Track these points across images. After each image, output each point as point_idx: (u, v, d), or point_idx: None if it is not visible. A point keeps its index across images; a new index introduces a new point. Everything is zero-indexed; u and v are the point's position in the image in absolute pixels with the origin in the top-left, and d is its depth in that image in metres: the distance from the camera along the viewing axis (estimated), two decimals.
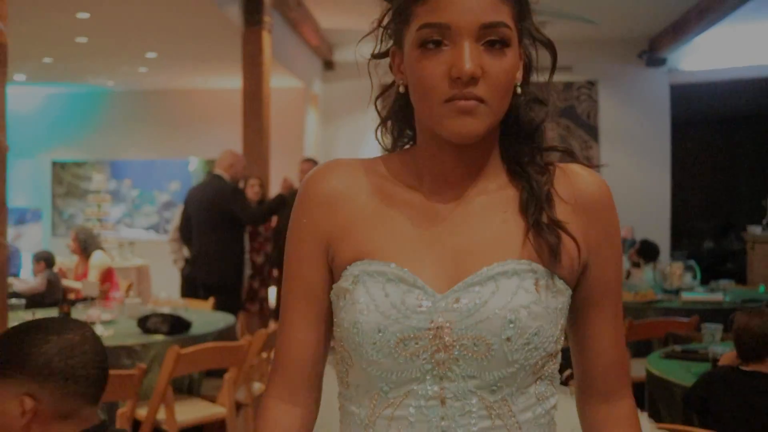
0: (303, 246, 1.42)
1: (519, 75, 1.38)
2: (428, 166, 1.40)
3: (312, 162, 8.97)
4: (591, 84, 13.31)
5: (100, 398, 2.00)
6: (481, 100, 1.29)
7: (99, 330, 4.72)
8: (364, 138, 13.51)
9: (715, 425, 3.15)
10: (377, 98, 1.49)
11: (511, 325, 1.28)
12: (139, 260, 10.83)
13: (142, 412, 4.26)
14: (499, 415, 1.32)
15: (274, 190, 8.89)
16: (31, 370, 1.87)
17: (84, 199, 12.93)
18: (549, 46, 1.43)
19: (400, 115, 1.48)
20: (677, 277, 7.24)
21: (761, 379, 3.24)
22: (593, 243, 1.40)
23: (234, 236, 7.35)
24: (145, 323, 4.87)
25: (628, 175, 12.70)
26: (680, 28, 11.49)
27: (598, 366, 1.45)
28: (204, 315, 5.75)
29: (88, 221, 11.43)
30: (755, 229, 10.63)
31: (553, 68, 1.46)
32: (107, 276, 7.77)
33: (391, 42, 1.43)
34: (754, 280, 9.96)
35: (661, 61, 13.06)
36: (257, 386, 5.21)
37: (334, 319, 1.39)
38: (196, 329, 5.01)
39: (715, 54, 12.69)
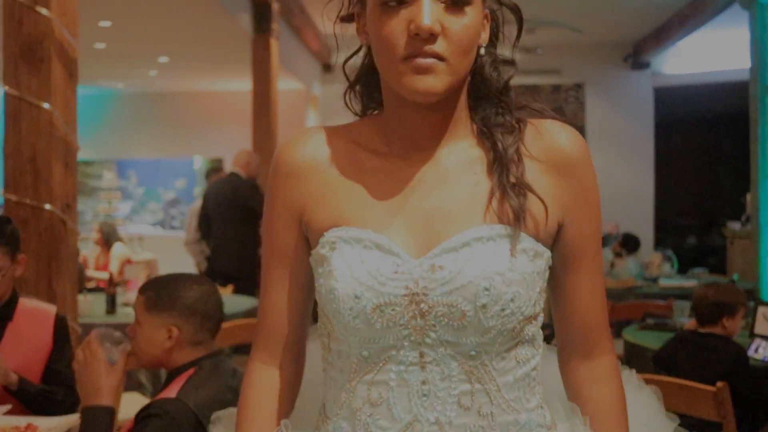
0: (277, 215, 1.43)
1: (484, 36, 1.37)
2: (396, 129, 1.39)
3: None
4: (578, 87, 13.64)
5: (217, 333, 2.61)
6: (440, 58, 1.27)
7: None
8: None
9: (678, 377, 3.78)
10: (344, 63, 1.47)
11: (486, 293, 1.27)
12: (148, 254, 11.31)
13: None
14: (479, 378, 1.31)
15: None
16: (180, 309, 2.48)
17: (93, 196, 13.41)
18: (514, 9, 1.42)
19: (368, 79, 1.46)
20: (656, 267, 7.83)
21: (714, 338, 3.91)
22: (568, 200, 1.38)
23: (251, 229, 7.75)
24: None
25: (614, 173, 13.01)
26: (663, 34, 11.81)
27: (577, 323, 1.43)
28: (228, 299, 6.31)
29: (97, 217, 11.89)
30: (735, 225, 10.91)
31: (519, 31, 1.43)
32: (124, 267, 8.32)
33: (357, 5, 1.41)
34: (733, 273, 10.40)
35: (645, 65, 13.40)
36: None
37: (315, 285, 1.40)
38: (226, 309, 5.56)
39: (696, 58, 13.00)
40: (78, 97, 4.01)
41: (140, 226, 13.63)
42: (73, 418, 2.79)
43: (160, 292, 2.51)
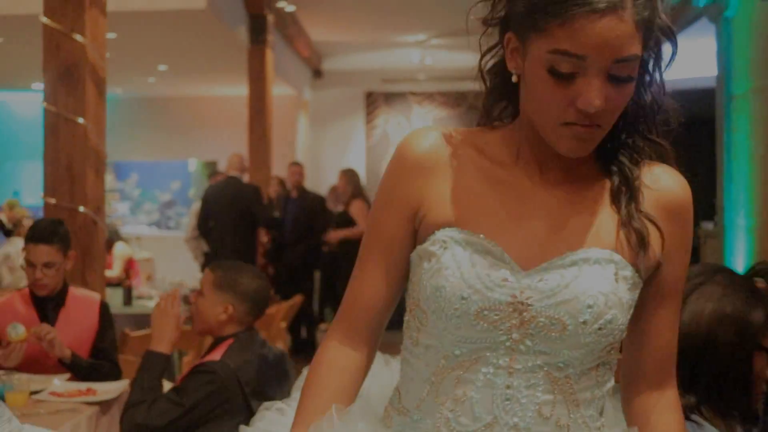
0: (392, 203, 1.44)
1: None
2: (527, 150, 1.41)
3: (299, 165, 9.98)
4: None
5: (259, 319, 3.18)
6: (598, 126, 1.30)
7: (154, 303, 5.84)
8: (349, 140, 14.49)
9: None
10: (481, 60, 1.45)
11: (589, 310, 1.31)
12: (146, 253, 11.77)
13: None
14: (561, 390, 1.35)
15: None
16: (239, 293, 3.05)
17: None
18: (668, 33, 1.39)
19: (504, 90, 1.45)
20: None
21: None
22: (671, 243, 1.41)
23: (249, 231, 8.29)
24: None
25: None
26: None
27: (655, 358, 1.47)
28: None
29: None
30: (708, 225, 11.15)
31: (673, 56, 1.42)
32: (129, 265, 8.79)
33: (502, 15, 1.37)
34: None
35: None
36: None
37: (412, 279, 1.43)
38: None
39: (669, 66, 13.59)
40: None
41: (137, 227, 14.06)
42: (124, 384, 3.37)
43: (227, 274, 3.08)
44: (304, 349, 8.69)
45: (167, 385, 3.19)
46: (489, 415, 1.34)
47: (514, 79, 1.36)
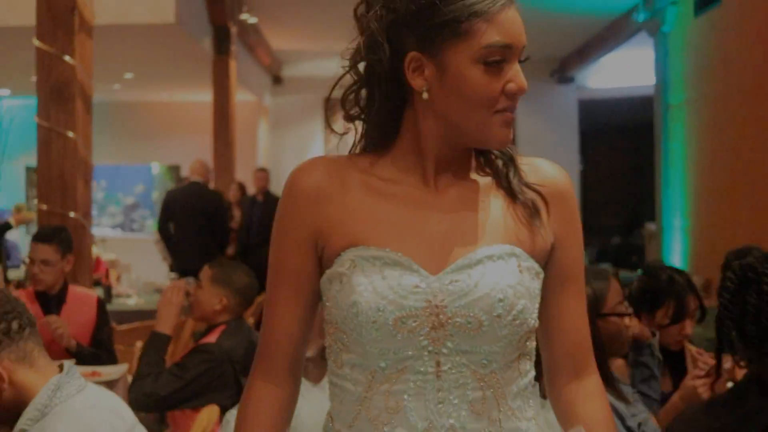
0: (291, 238, 1.48)
1: None
2: (414, 162, 1.46)
3: (265, 171, 10.49)
4: None
5: (247, 311, 3.67)
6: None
7: (133, 300, 6.31)
8: (309, 144, 14.80)
9: None
10: (343, 97, 1.51)
11: (501, 303, 1.36)
12: (112, 254, 12.12)
13: None
14: (489, 385, 1.39)
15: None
16: (232, 289, 3.53)
17: None
18: None
19: (387, 116, 1.48)
20: None
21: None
22: (558, 227, 1.48)
23: (210, 234, 8.67)
24: None
25: None
26: (585, 52, 12.82)
27: (567, 344, 1.51)
28: None
29: None
30: (652, 226, 11.57)
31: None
32: (97, 265, 9.18)
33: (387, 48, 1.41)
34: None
35: (570, 80, 14.39)
36: None
37: (327, 303, 1.45)
38: None
39: (615, 74, 14.04)
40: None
41: (102, 229, 14.35)
42: (123, 368, 3.85)
43: (223, 271, 3.61)
44: None
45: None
46: (425, 421, 1.38)
47: (425, 96, 1.41)
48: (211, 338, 3.44)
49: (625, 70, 13.61)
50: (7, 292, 2.08)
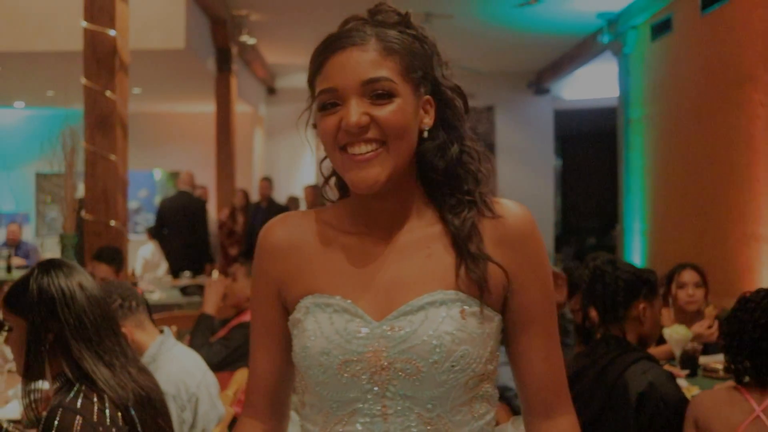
0: (260, 291, 1.57)
1: (428, 121, 1.47)
2: (360, 213, 1.52)
3: (268, 180, 11.55)
4: (489, 109, 15.18)
5: None
6: (379, 141, 1.40)
7: (156, 296, 7.29)
8: (301, 152, 15.32)
9: None
10: (321, 162, 1.57)
11: (437, 350, 1.37)
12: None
13: None
14: (438, 429, 1.41)
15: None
16: None
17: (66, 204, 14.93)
18: (456, 91, 1.51)
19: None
20: None
21: None
22: (516, 270, 1.46)
23: (196, 236, 9.85)
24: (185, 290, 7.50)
25: (520, 182, 14.61)
26: (558, 66, 13.63)
27: (535, 384, 1.51)
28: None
29: None
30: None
31: (466, 109, 1.52)
32: None
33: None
34: None
35: (546, 91, 15.11)
36: None
37: (292, 346, 1.50)
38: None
39: (587, 86, 14.81)
40: (58, 117, 5.82)
41: None
42: None
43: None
44: None
45: None
46: None
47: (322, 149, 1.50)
48: (246, 317, 4.35)
49: (596, 84, 14.34)
50: (126, 282, 3.09)
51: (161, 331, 3.09)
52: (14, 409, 3.24)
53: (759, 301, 2.68)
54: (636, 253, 10.31)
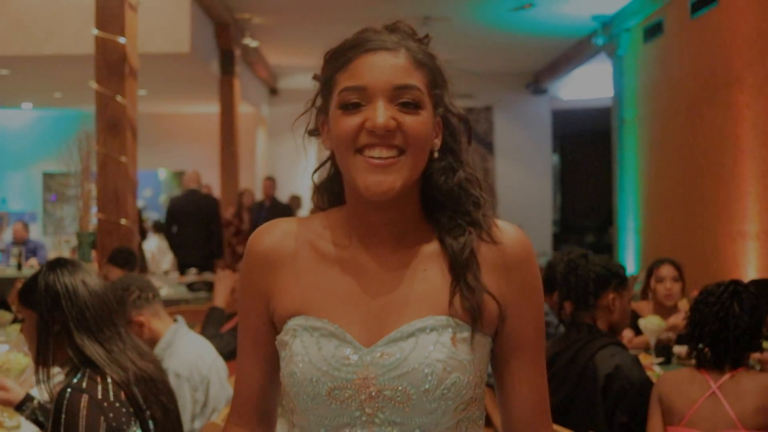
0: (248, 298, 1.53)
1: (437, 141, 1.45)
2: (356, 225, 1.47)
3: (272, 180, 11.81)
4: (488, 109, 15.34)
5: None
6: (400, 150, 1.37)
7: (165, 291, 7.56)
8: (303, 152, 15.80)
9: None
10: (314, 172, 1.56)
11: (429, 378, 1.35)
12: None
13: None
14: None
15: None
16: None
17: (72, 203, 15.10)
18: (463, 118, 1.48)
19: (334, 179, 1.52)
20: None
21: None
22: (511, 296, 1.44)
23: (206, 233, 10.02)
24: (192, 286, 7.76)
25: (518, 181, 14.85)
26: (555, 67, 13.82)
27: (518, 410, 1.49)
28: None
29: (75, 221, 13.61)
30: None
31: (469, 139, 1.49)
32: None
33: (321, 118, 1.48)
34: None
35: (544, 91, 15.27)
36: None
37: (280, 366, 1.47)
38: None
39: (584, 87, 14.98)
40: (65, 117, 6.14)
41: None
42: None
43: None
44: None
45: None
46: None
47: (327, 148, 1.49)
48: None
49: (592, 84, 14.53)
50: (143, 276, 3.37)
51: (175, 320, 3.38)
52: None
53: (719, 295, 2.95)
54: (630, 250, 10.54)
